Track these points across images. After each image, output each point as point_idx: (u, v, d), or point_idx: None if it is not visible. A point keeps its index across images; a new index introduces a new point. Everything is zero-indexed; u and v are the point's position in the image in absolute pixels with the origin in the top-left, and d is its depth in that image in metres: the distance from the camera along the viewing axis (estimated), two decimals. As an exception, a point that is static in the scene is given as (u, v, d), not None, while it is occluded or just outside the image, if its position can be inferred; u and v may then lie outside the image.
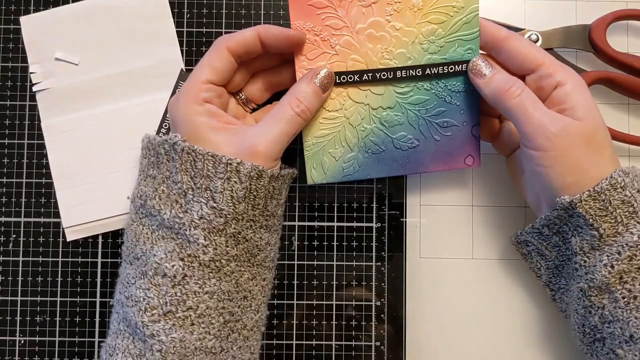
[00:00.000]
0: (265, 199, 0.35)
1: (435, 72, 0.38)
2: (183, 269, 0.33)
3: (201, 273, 0.33)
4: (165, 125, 0.43)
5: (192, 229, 0.33)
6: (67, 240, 0.42)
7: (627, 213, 0.33)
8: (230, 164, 0.33)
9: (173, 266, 0.33)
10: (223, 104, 0.37)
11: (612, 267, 0.32)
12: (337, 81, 0.38)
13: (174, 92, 0.43)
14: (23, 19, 0.43)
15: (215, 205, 0.33)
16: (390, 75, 0.38)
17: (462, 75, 0.38)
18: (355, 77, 0.38)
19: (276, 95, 0.41)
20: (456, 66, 0.38)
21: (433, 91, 0.39)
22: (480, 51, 0.38)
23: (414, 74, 0.38)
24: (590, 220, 0.33)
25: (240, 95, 0.39)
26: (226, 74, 0.36)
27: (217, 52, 0.36)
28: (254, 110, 0.41)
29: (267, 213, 0.36)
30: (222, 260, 0.34)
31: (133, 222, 0.35)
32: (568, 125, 0.33)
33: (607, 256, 0.33)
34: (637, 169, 0.34)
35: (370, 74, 0.38)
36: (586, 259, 0.34)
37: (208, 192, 0.33)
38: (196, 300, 0.33)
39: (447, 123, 0.39)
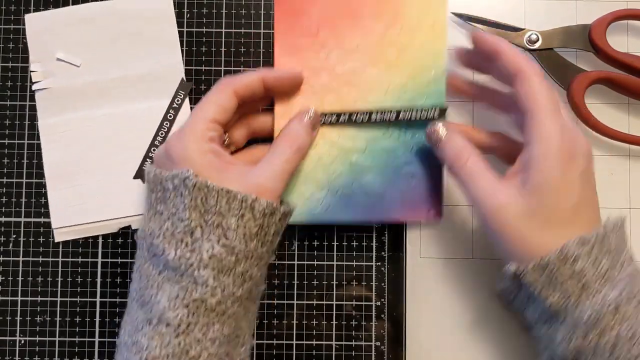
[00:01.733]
0: (273, 235, 0.35)
1: (409, 116, 0.39)
2: (187, 317, 0.32)
3: (206, 319, 0.32)
4: (161, 133, 0.43)
5: (201, 269, 0.32)
6: (56, 241, 0.42)
7: (577, 288, 0.31)
8: (246, 200, 0.33)
9: (177, 315, 0.31)
10: (220, 144, 0.37)
11: (569, 343, 0.31)
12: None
13: (173, 100, 0.43)
14: (27, 17, 0.43)
15: (227, 242, 0.32)
16: (365, 118, 0.39)
17: None
18: (333, 118, 0.40)
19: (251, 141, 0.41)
20: (428, 112, 0.39)
21: (401, 140, 0.40)
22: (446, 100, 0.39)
23: (387, 118, 0.39)
24: (537, 292, 0.32)
25: (225, 137, 0.39)
26: (230, 116, 0.36)
27: (224, 93, 0.35)
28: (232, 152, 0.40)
29: (271, 249, 0.36)
30: (228, 302, 0.33)
31: (145, 261, 0.34)
32: (505, 205, 0.32)
33: (562, 332, 0.31)
34: (609, 225, 0.32)
35: (346, 116, 0.39)
36: (544, 331, 0.33)
37: (220, 229, 0.32)
38: (199, 349, 0.32)
39: (412, 173, 0.40)
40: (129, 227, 0.43)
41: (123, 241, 0.43)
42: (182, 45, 0.43)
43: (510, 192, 0.33)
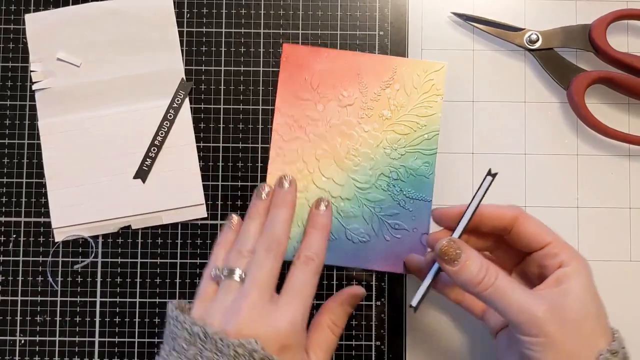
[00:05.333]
0: None
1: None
2: None
3: None
4: (161, 133, 0.43)
5: None
6: (56, 241, 0.42)
7: None
8: None
9: None
10: None
11: None
12: None
13: (173, 100, 0.43)
14: (28, 17, 0.43)
15: None
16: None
17: (418, 185, 0.41)
18: None
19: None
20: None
21: (389, 192, 0.42)
22: (455, 235, 0.35)
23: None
24: None
25: None
26: None
27: None
28: None
29: None
30: None
31: None
32: (553, 308, 0.31)
33: None
34: (622, 340, 0.33)
35: None
36: None
37: None
38: None
39: (398, 225, 0.41)
40: (129, 227, 0.43)
41: (123, 241, 0.43)
42: (182, 45, 0.43)
43: (553, 300, 0.32)
